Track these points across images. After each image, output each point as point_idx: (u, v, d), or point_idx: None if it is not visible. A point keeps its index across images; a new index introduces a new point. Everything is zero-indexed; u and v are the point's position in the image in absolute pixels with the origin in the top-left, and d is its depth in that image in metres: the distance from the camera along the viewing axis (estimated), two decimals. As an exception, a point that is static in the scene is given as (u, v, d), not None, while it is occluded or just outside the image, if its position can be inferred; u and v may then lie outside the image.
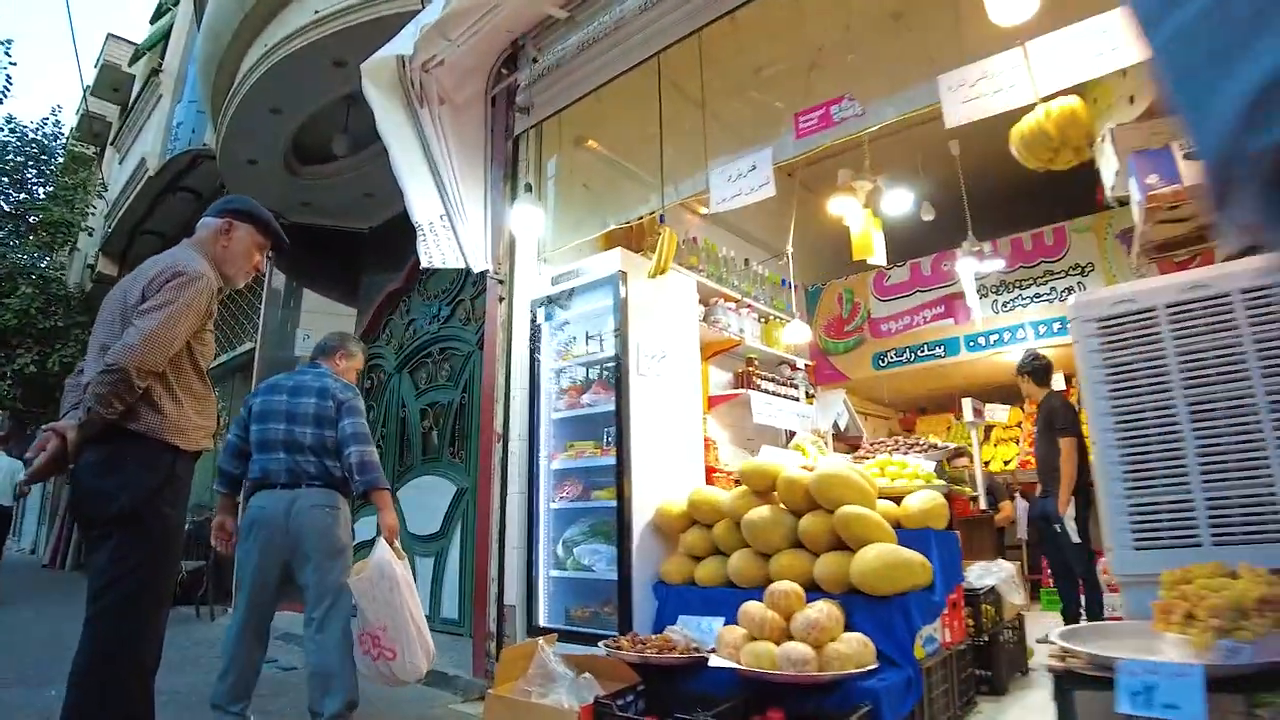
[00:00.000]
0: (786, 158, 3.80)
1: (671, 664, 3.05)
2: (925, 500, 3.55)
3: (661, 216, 4.20)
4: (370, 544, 3.25)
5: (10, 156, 11.70)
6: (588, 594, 4.22)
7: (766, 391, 5.93)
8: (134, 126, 10.26)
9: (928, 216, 6.55)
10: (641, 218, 4.45)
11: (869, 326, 7.93)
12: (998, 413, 8.31)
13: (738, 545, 3.59)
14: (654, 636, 3.29)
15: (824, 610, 2.92)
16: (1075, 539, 4.81)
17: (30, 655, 5.52)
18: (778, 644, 2.87)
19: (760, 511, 3.50)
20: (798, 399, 6.38)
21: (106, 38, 13.55)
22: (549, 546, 4.34)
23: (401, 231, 5.21)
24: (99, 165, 12.98)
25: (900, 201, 6.10)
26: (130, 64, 12.04)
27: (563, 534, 4.34)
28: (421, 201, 4.58)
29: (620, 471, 4.00)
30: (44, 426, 2.25)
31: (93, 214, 11.96)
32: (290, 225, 8.20)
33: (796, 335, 6.00)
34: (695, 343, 4.84)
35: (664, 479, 4.18)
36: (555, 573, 4.31)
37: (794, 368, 6.52)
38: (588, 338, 4.41)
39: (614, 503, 4.05)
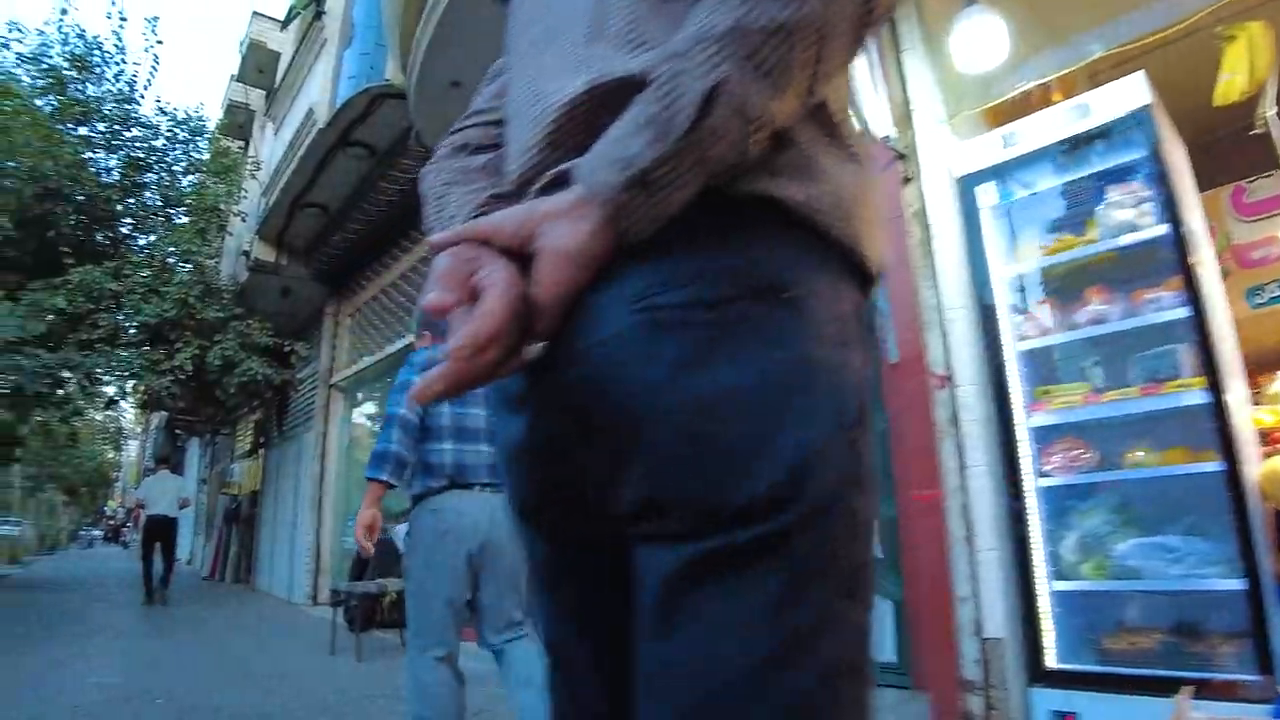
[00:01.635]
0: None
1: None
2: None
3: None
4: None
5: (160, 142, 10.98)
6: (1135, 614, 2.66)
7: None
8: (293, 86, 9.24)
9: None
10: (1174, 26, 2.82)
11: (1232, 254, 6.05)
12: None
13: None
14: None
15: None
16: None
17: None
18: None
19: None
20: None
21: (252, 16, 12.77)
22: (1046, 545, 2.80)
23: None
24: (245, 155, 12.14)
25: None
26: (283, 28, 11.10)
27: (1065, 522, 2.80)
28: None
29: (1220, 414, 2.43)
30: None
31: (245, 197, 11.11)
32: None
33: None
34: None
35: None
36: (1060, 585, 2.76)
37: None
38: (1084, 219, 2.85)
39: (1167, 469, 2.55)
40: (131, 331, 9.36)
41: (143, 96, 11.29)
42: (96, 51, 11.00)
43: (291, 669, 5.61)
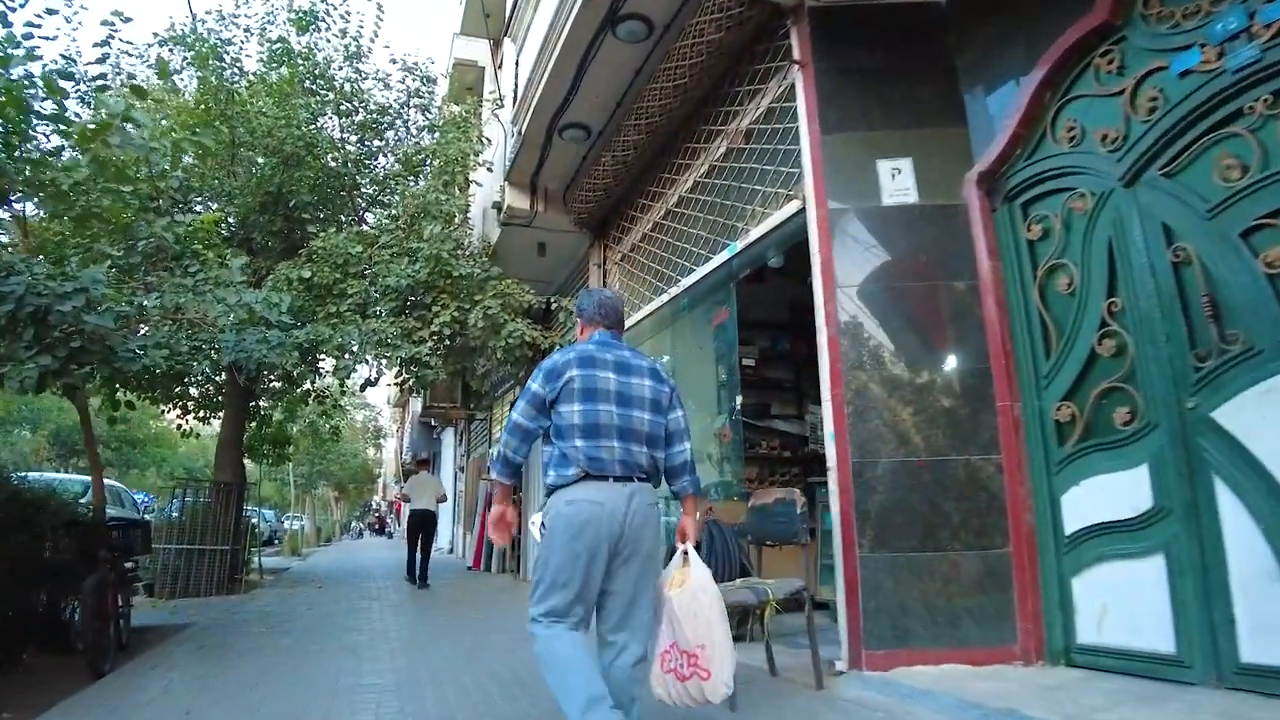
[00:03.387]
0: None
1: None
2: None
3: None
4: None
5: (394, 95, 10.03)
6: None
7: None
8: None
9: None
10: None
11: None
12: None
13: None
14: None
15: None
16: None
17: None
18: None
19: None
20: None
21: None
22: None
23: None
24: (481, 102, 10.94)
25: None
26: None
27: None
28: None
29: None
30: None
31: (489, 144, 9.87)
32: (821, 9, 4.95)
33: None
34: None
35: None
36: None
37: None
38: None
39: None
40: (382, 299, 8.27)
41: (370, 50, 10.37)
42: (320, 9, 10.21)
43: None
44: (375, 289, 8.22)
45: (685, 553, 3.00)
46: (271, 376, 7.90)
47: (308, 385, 11.87)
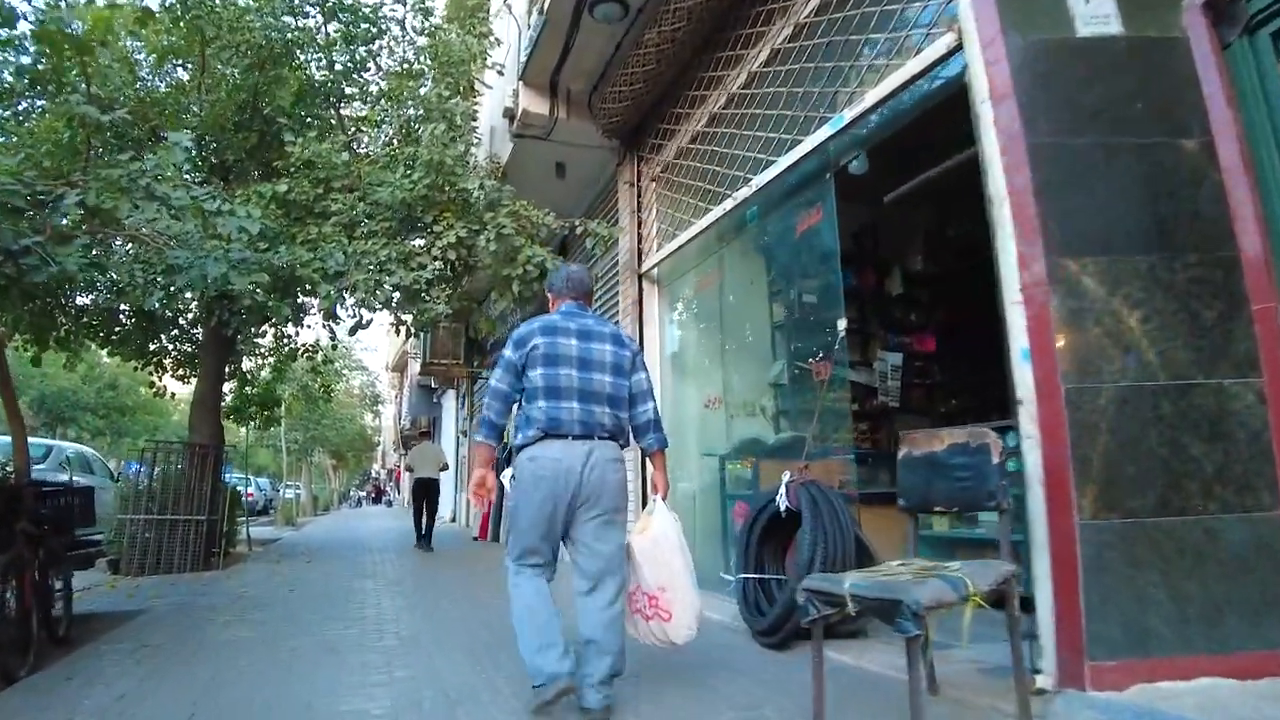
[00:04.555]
0: None
1: None
2: None
3: None
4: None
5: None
6: None
7: None
8: None
9: None
10: None
11: None
12: None
13: None
14: None
15: None
16: None
17: None
18: None
19: None
20: None
21: None
22: None
23: None
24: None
25: None
26: None
27: None
28: None
29: None
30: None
31: (498, 43, 8.42)
32: None
33: None
34: None
35: None
36: None
37: None
38: None
39: None
40: (373, 218, 6.86)
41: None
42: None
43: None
44: (365, 205, 6.79)
45: (655, 503, 3.28)
46: (244, 312, 6.49)
47: (292, 333, 10.52)
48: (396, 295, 6.86)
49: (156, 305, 5.99)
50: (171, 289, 5.45)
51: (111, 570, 8.81)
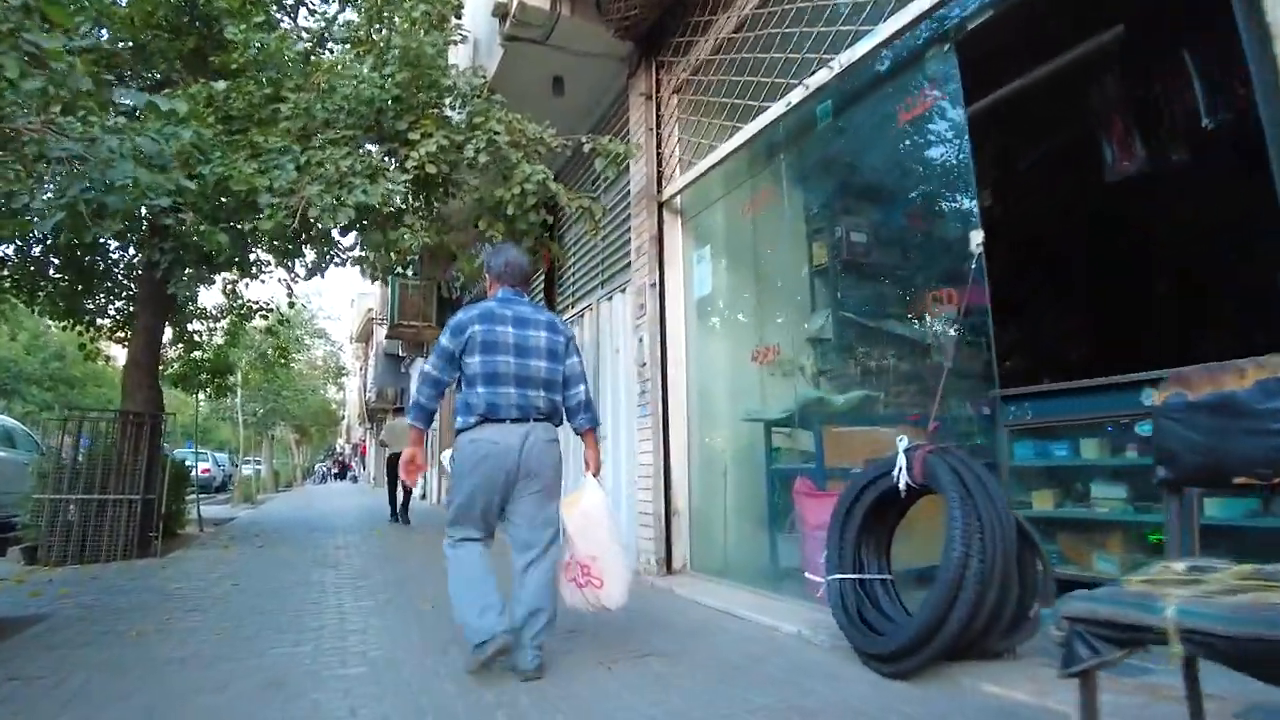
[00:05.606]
0: None
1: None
2: None
3: None
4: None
5: None
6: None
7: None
8: None
9: None
10: None
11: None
12: None
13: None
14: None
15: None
16: None
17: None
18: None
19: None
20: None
21: None
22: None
23: None
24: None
25: None
26: None
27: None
28: None
29: None
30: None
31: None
32: None
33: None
34: None
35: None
36: None
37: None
38: None
39: None
40: (333, 124, 5.51)
41: None
42: None
43: None
44: (323, 108, 5.44)
45: (586, 479, 3.44)
46: (176, 246, 5.15)
47: (242, 285, 9.16)
48: (362, 221, 5.53)
49: (52, 233, 4.64)
50: (64, 200, 4.10)
51: (27, 559, 7.47)
